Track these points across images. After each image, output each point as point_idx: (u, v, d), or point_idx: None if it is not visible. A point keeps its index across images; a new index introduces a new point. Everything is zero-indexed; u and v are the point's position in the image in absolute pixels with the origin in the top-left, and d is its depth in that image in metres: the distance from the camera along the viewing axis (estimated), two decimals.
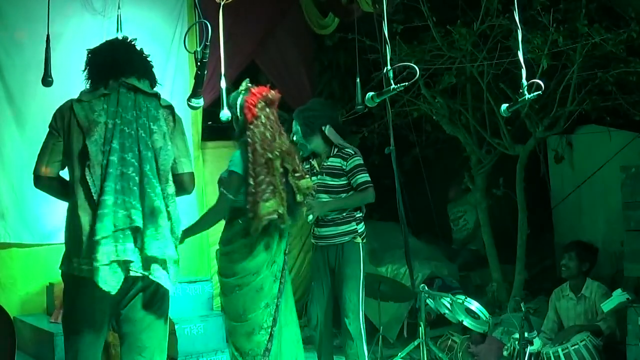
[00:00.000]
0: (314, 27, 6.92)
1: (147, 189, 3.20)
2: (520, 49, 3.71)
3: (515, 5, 3.72)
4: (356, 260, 4.80)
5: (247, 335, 3.94)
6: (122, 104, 3.25)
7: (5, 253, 5.54)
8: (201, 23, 3.37)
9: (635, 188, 4.97)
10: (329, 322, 4.98)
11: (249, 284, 3.92)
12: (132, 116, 3.25)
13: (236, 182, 3.93)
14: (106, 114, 3.22)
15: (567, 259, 5.33)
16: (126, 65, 3.36)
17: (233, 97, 4.11)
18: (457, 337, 5.53)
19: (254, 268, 3.92)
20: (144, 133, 3.25)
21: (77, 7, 5.75)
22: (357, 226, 4.86)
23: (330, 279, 4.90)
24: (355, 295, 4.77)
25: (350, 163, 4.80)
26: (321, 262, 4.90)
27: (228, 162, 4.01)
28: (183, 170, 3.38)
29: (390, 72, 3.42)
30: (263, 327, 3.94)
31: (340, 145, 4.87)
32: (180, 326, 5.16)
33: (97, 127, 3.20)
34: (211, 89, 5.82)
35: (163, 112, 3.35)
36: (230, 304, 3.99)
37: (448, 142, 7.52)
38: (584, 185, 7.23)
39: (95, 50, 3.45)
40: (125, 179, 3.17)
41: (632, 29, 5.40)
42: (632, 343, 4.76)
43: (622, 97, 5.95)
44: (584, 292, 5.22)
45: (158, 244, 3.19)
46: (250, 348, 3.94)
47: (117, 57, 3.37)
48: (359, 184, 4.79)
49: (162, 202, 3.23)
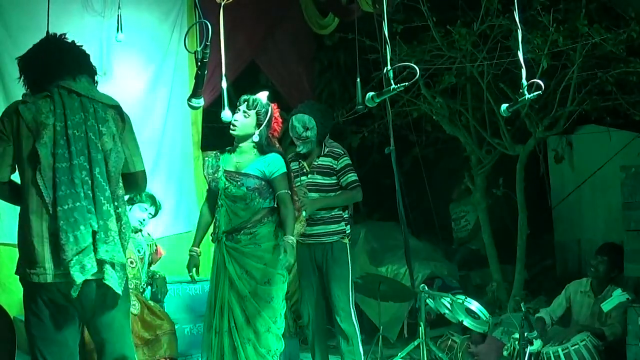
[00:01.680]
0: (314, 27, 6.92)
1: (97, 192, 3.18)
2: (520, 49, 3.71)
3: (515, 5, 3.73)
4: (345, 261, 4.93)
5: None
6: (68, 106, 3.20)
7: (5, 253, 5.54)
8: (201, 23, 3.37)
9: (635, 188, 4.97)
10: (321, 320, 5.06)
11: None
12: (80, 118, 3.20)
13: (288, 180, 4.31)
14: (54, 116, 3.17)
15: (599, 261, 5.24)
16: (58, 67, 3.28)
17: (259, 102, 4.29)
18: (457, 337, 5.52)
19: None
20: (93, 135, 3.21)
21: (77, 8, 5.75)
22: (346, 227, 4.99)
23: (318, 277, 4.98)
24: (345, 294, 4.89)
25: (340, 162, 4.95)
26: (307, 260, 4.98)
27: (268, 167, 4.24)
28: (136, 169, 3.36)
29: (390, 72, 3.43)
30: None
31: (329, 144, 5.02)
32: (180, 326, 5.16)
33: (46, 130, 3.15)
34: (211, 89, 5.83)
35: (110, 112, 3.29)
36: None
37: (448, 142, 7.53)
38: (584, 185, 7.24)
39: (24, 57, 3.39)
40: (78, 184, 3.14)
41: (632, 29, 5.40)
42: (632, 343, 4.76)
43: (622, 97, 5.95)
44: (605, 294, 5.19)
45: (107, 247, 3.17)
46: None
47: (48, 62, 3.30)
48: (349, 182, 4.94)
49: (112, 205, 3.21)
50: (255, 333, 4.16)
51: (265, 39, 6.91)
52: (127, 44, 5.53)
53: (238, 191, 4.22)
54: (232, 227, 4.23)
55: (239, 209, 4.23)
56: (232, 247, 4.23)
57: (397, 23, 5.94)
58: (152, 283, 5.12)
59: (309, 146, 4.94)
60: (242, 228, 4.21)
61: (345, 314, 4.88)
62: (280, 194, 4.24)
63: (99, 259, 3.14)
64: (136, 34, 5.93)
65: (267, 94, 4.37)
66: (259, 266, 4.19)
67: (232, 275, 4.20)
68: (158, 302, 5.06)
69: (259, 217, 4.22)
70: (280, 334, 4.26)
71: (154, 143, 6.15)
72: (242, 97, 4.30)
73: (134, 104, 6.05)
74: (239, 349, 4.14)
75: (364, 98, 3.68)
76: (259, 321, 4.16)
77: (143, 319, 4.81)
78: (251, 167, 4.24)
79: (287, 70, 7.14)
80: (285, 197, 4.25)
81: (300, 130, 4.89)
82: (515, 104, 3.81)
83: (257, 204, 4.22)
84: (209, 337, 4.28)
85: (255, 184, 4.21)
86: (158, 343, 4.74)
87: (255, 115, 4.25)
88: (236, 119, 4.24)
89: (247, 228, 4.21)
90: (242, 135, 4.27)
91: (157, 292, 5.09)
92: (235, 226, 4.22)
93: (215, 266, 4.32)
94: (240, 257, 4.21)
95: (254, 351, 4.15)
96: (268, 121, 4.28)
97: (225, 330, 4.18)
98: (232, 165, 4.30)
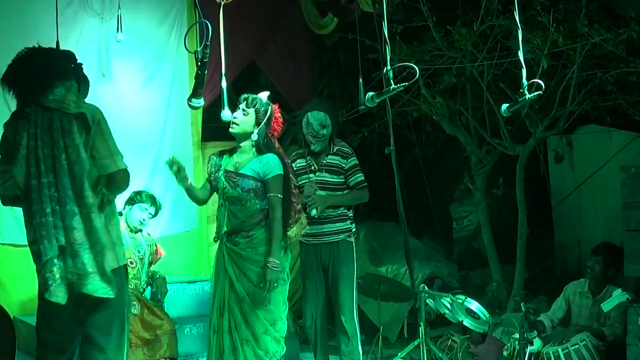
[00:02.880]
0: (313, 27, 6.91)
1: (64, 207, 3.32)
2: (520, 49, 3.71)
3: (515, 5, 3.73)
4: (351, 259, 4.94)
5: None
6: (40, 124, 3.36)
7: (5, 253, 5.54)
8: (201, 23, 3.37)
9: (635, 188, 4.96)
10: (324, 321, 5.07)
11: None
12: (48, 136, 3.35)
13: (282, 183, 4.20)
14: (27, 135, 3.35)
15: (594, 262, 5.24)
16: (35, 85, 3.40)
17: (259, 101, 4.25)
18: (457, 337, 5.52)
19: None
20: (57, 151, 3.34)
21: (76, 9, 5.74)
22: (352, 225, 5.00)
23: (324, 278, 4.98)
24: (350, 293, 4.90)
25: (349, 162, 4.98)
26: (313, 260, 4.97)
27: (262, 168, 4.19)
28: (112, 170, 3.42)
29: (390, 72, 3.43)
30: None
31: (337, 143, 5.04)
32: (180, 326, 5.16)
33: (20, 149, 3.35)
34: (211, 89, 5.83)
35: (75, 122, 3.37)
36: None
37: (448, 142, 7.52)
38: (584, 185, 7.24)
39: (4, 76, 3.49)
40: (45, 200, 3.31)
41: (632, 29, 5.40)
42: (632, 343, 4.76)
43: (622, 97, 5.95)
44: (603, 295, 5.19)
45: (76, 260, 3.32)
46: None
47: (26, 81, 3.42)
48: (357, 182, 4.97)
49: (79, 217, 3.33)
50: (253, 334, 4.15)
51: (265, 39, 6.91)
52: (126, 45, 5.53)
53: (234, 192, 4.20)
54: (231, 228, 4.22)
55: (237, 210, 4.22)
56: (231, 249, 4.22)
57: (397, 23, 5.93)
58: (152, 283, 5.12)
59: (322, 144, 4.95)
60: (240, 230, 4.20)
61: (350, 313, 4.89)
62: (270, 196, 4.18)
63: (74, 269, 3.31)
64: (135, 34, 5.93)
65: (267, 94, 4.36)
66: (256, 269, 4.17)
67: (231, 276, 4.19)
68: (158, 302, 5.07)
69: (256, 220, 4.19)
70: (280, 337, 4.23)
71: (154, 143, 6.15)
72: (242, 96, 4.29)
73: (134, 104, 6.06)
74: (238, 349, 4.14)
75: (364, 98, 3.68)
76: (256, 323, 4.15)
77: (143, 319, 4.81)
78: (247, 168, 4.23)
79: (287, 70, 7.14)
80: (274, 201, 4.17)
81: (317, 128, 4.89)
82: (515, 104, 3.81)
83: (252, 205, 4.19)
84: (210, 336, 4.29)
85: (251, 185, 4.18)
86: (158, 343, 4.74)
87: (255, 113, 4.23)
88: (235, 117, 4.24)
89: (244, 230, 4.19)
90: (241, 133, 4.25)
91: (157, 292, 5.09)
92: (234, 227, 4.21)
93: (216, 265, 4.32)
94: (238, 260, 4.20)
95: (252, 352, 4.14)
96: (267, 120, 4.26)
97: (225, 329, 4.18)
98: (232, 165, 4.29)
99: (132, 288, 4.91)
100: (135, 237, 5.03)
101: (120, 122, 5.93)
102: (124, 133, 5.93)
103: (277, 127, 4.34)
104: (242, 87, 5.64)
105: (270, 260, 4.08)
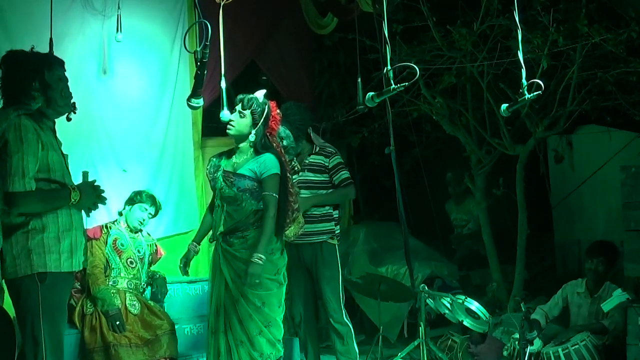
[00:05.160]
0: (313, 27, 6.91)
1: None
2: (520, 49, 3.72)
3: (515, 5, 3.73)
4: (334, 262, 4.96)
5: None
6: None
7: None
8: (201, 23, 3.37)
9: (635, 188, 4.97)
10: (312, 318, 5.11)
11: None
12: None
13: (279, 182, 4.16)
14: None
15: (597, 263, 5.23)
16: (10, 98, 3.49)
17: (255, 101, 4.23)
18: (457, 337, 5.52)
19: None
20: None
21: (78, 8, 5.74)
22: (335, 227, 5.00)
23: (308, 277, 5.01)
24: (335, 294, 4.94)
25: (332, 160, 5.01)
26: (296, 260, 4.96)
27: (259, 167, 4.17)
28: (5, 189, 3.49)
29: (390, 72, 3.43)
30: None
31: (321, 144, 5.07)
32: (180, 326, 5.16)
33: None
34: (211, 89, 5.82)
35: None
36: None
37: (448, 142, 7.52)
38: (584, 185, 7.23)
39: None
40: None
41: (632, 29, 5.41)
42: (632, 343, 4.76)
43: (622, 97, 5.95)
44: (601, 293, 5.19)
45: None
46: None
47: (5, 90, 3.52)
48: (341, 180, 4.98)
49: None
50: (247, 336, 4.13)
51: (265, 39, 6.91)
52: (127, 43, 5.53)
53: (230, 192, 4.19)
54: (226, 228, 4.21)
55: (233, 210, 4.20)
56: (225, 250, 4.21)
57: (397, 23, 5.93)
58: (152, 283, 5.12)
59: (294, 152, 4.96)
60: (235, 230, 4.18)
61: (337, 314, 4.93)
62: (264, 195, 4.14)
63: None
64: (136, 33, 5.93)
65: (264, 92, 4.33)
66: None
67: (226, 277, 4.18)
68: (158, 302, 5.07)
69: (252, 221, 4.17)
70: (275, 340, 4.20)
71: (157, 143, 6.14)
72: (238, 97, 4.28)
73: (135, 103, 6.06)
74: (233, 350, 4.13)
75: (364, 98, 3.68)
76: (251, 325, 4.13)
77: (143, 319, 4.81)
78: (245, 168, 4.21)
79: (287, 70, 7.14)
80: (268, 200, 4.13)
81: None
82: (515, 104, 3.81)
83: (248, 205, 4.17)
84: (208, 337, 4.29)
85: (247, 185, 4.16)
86: (158, 343, 4.74)
87: (251, 114, 4.20)
88: (232, 119, 4.23)
89: (240, 231, 4.17)
90: (238, 135, 4.24)
91: (157, 292, 5.09)
92: (230, 228, 4.20)
93: (213, 266, 4.32)
94: (233, 260, 4.18)
95: (247, 354, 4.12)
96: (265, 120, 4.23)
97: (221, 330, 4.17)
98: (231, 165, 4.28)
99: (132, 288, 4.91)
100: (135, 237, 5.03)
101: (122, 121, 5.95)
102: (125, 132, 5.98)
103: (275, 125, 4.32)
104: (242, 87, 5.64)
105: (255, 255, 4.03)
